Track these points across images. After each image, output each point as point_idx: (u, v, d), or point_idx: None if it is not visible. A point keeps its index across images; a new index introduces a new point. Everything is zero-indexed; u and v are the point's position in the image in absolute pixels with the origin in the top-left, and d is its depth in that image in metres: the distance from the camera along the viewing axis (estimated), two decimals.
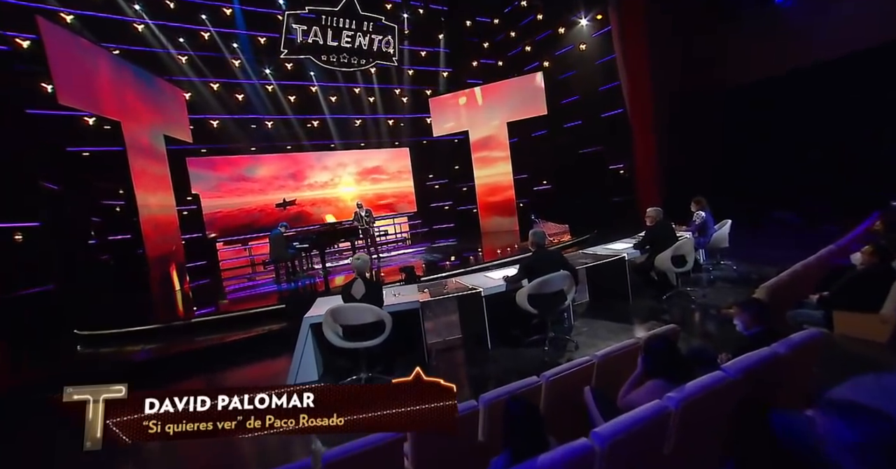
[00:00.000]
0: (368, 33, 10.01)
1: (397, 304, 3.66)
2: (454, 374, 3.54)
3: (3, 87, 5.26)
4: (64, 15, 7.90)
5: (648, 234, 4.64)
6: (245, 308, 5.49)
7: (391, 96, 12.87)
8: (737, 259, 5.47)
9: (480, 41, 13.44)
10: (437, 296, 3.87)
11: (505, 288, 3.92)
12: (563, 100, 11.62)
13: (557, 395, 2.22)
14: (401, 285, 5.41)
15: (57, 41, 5.37)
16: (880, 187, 5.79)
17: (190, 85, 9.73)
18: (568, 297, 3.70)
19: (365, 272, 3.34)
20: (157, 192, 7.30)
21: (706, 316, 4.17)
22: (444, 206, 13.74)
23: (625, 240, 5.52)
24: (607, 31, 9.93)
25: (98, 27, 8.01)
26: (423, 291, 4.05)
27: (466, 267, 7.03)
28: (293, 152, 11.65)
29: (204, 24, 9.74)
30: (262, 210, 11.18)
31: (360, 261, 3.31)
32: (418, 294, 3.92)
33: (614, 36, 9.53)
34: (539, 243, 3.72)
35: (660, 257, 4.41)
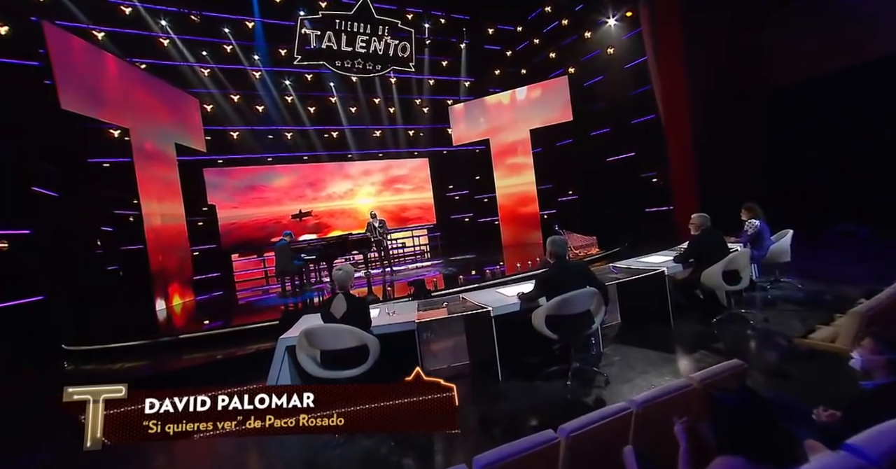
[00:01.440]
0: (384, 38, 9.77)
1: (390, 324, 3.11)
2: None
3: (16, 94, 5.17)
4: (95, 32, 8.13)
5: (693, 245, 3.93)
6: (238, 324, 5.08)
7: (411, 106, 12.66)
8: (801, 276, 4.62)
9: (503, 49, 13.11)
10: (438, 315, 3.30)
11: (519, 307, 3.31)
12: (590, 106, 11.04)
13: (582, 457, 1.60)
14: (408, 300, 4.88)
15: (62, 46, 5.31)
16: None
17: (209, 97, 9.78)
18: (596, 319, 3.05)
19: (348, 286, 2.82)
20: (165, 200, 7.14)
21: (773, 347, 3.36)
22: (465, 219, 13.27)
23: (662, 252, 4.79)
24: (637, 33, 9.33)
25: (126, 42, 8.18)
26: (426, 309, 3.50)
27: (483, 282, 6.43)
28: (310, 163, 11.51)
29: (226, 38, 9.81)
30: (277, 221, 10.99)
31: (341, 272, 2.80)
32: (416, 313, 3.36)
33: (645, 36, 8.91)
34: (559, 254, 3.11)
35: (708, 272, 3.68)
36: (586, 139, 11.07)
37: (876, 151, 6.64)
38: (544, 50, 12.18)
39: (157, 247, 6.80)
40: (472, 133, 12.08)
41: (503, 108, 11.65)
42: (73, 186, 5.62)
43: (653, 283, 3.89)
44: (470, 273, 7.79)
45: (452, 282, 7.06)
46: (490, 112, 11.80)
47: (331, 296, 2.81)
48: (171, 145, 7.53)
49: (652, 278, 3.87)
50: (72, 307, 5.24)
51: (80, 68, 5.54)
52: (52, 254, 5.06)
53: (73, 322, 5.12)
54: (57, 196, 5.31)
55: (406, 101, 12.54)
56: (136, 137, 6.50)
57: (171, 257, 7.24)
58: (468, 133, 12.14)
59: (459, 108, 12.27)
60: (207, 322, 5.69)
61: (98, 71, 5.98)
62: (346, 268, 2.82)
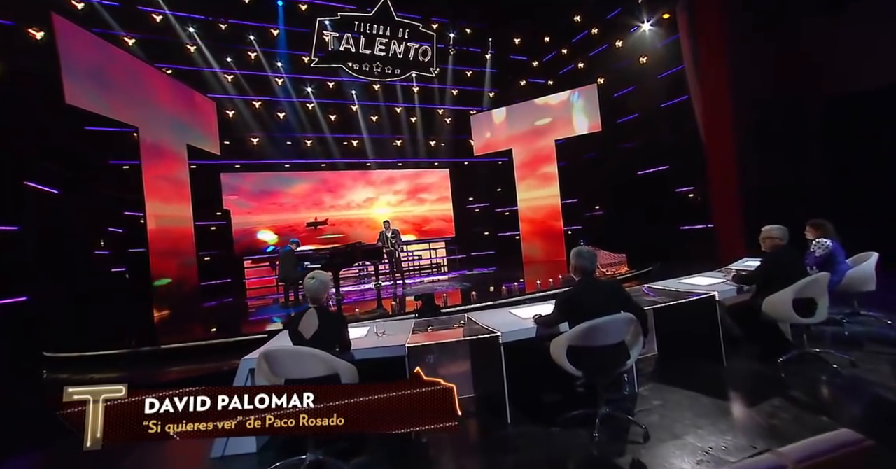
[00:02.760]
0: (404, 41, 9.49)
1: (375, 348, 2.57)
2: (443, 465, 2.32)
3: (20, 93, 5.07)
4: (126, 38, 8.24)
5: (768, 265, 3.16)
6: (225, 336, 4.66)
7: (433, 116, 12.39)
8: (886, 310, 3.79)
9: (529, 60, 12.74)
10: (435, 339, 2.74)
11: (535, 333, 2.71)
12: (619, 118, 10.49)
13: None
14: (414, 317, 4.34)
15: (71, 40, 5.20)
16: None
17: (230, 102, 9.77)
18: (632, 353, 2.41)
19: (322, 298, 2.31)
20: (172, 202, 6.93)
21: (873, 401, 2.57)
22: (484, 232, 12.73)
23: (707, 274, 4.08)
24: (674, 40, 8.76)
25: (154, 49, 8.30)
26: (423, 330, 2.94)
27: (498, 299, 5.82)
28: (328, 170, 11.31)
29: (251, 45, 9.83)
30: (292, 228, 10.75)
31: (313, 281, 2.29)
32: (410, 335, 2.81)
33: (684, 43, 8.29)
34: (586, 269, 2.51)
35: (774, 299, 2.97)
36: (615, 152, 10.52)
37: None
38: (573, 60, 11.75)
39: (160, 250, 6.54)
40: (495, 142, 11.64)
41: (528, 116, 11.18)
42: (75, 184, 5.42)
43: (700, 309, 3.20)
44: (486, 289, 7.20)
45: (466, 298, 6.48)
46: (514, 121, 11.35)
47: (300, 310, 2.30)
48: (183, 146, 7.37)
49: (699, 304, 3.18)
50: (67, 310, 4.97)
51: (88, 63, 5.43)
52: (44, 253, 4.82)
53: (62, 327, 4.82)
54: (56, 193, 5.12)
55: (428, 111, 12.30)
56: (145, 136, 6.34)
57: (174, 261, 6.98)
58: (490, 142, 11.71)
59: (482, 116, 11.90)
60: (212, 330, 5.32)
61: (108, 67, 5.86)
62: (319, 276, 2.31)
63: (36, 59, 5.08)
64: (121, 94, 5.99)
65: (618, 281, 2.58)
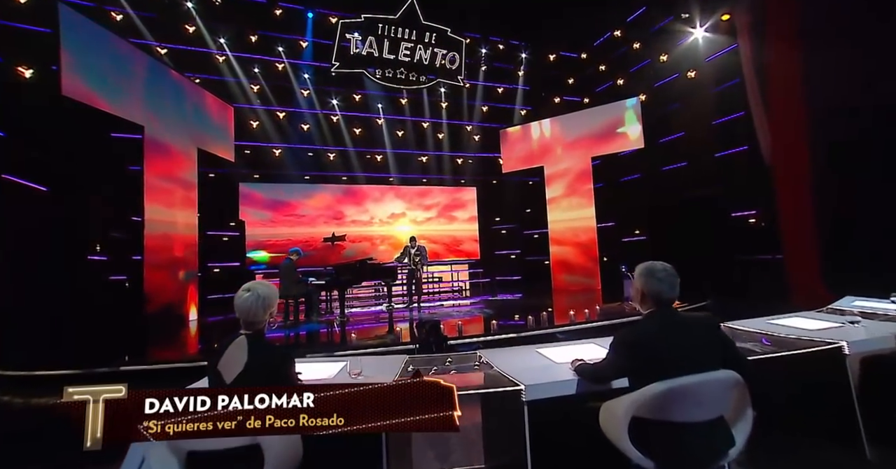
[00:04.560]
0: (431, 46, 9.02)
1: None
2: None
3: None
4: (159, 49, 8.29)
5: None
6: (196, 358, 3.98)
7: (461, 133, 11.88)
8: None
9: (564, 77, 12.13)
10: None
11: (576, 389, 1.85)
12: (662, 138, 9.62)
13: None
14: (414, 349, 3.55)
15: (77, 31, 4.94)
16: None
17: (253, 112, 9.61)
18: (737, 437, 1.51)
19: (259, 322, 1.55)
20: (174, 207, 6.52)
21: None
22: (511, 255, 11.86)
23: (802, 314, 3.06)
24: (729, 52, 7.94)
25: (183, 58, 8.31)
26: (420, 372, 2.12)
27: (523, 331, 4.90)
28: (349, 184, 10.88)
29: (279, 56, 9.73)
30: (308, 242, 10.25)
31: (247, 295, 1.52)
32: (397, 377, 1.99)
33: (744, 49, 7.42)
34: (661, 296, 1.65)
35: None
36: (657, 173, 9.58)
37: None
38: (611, 77, 11.07)
39: (157, 258, 6.07)
40: (526, 159, 10.93)
41: (561, 132, 10.46)
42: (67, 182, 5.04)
43: (818, 366, 2.22)
44: (509, 317, 6.29)
45: (485, 327, 5.60)
46: (547, 137, 10.65)
47: (227, 340, 1.55)
48: (193, 149, 7.04)
49: (818, 358, 2.20)
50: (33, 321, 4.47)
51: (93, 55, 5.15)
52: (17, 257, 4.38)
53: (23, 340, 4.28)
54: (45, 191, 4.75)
55: (455, 127, 11.80)
56: (150, 135, 6.00)
57: (173, 270, 6.50)
58: (520, 159, 11.01)
59: (512, 131, 11.27)
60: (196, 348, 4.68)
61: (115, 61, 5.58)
62: (257, 288, 1.53)
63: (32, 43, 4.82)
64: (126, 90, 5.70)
65: (712, 317, 1.69)
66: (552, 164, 10.48)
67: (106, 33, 5.56)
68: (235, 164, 8.70)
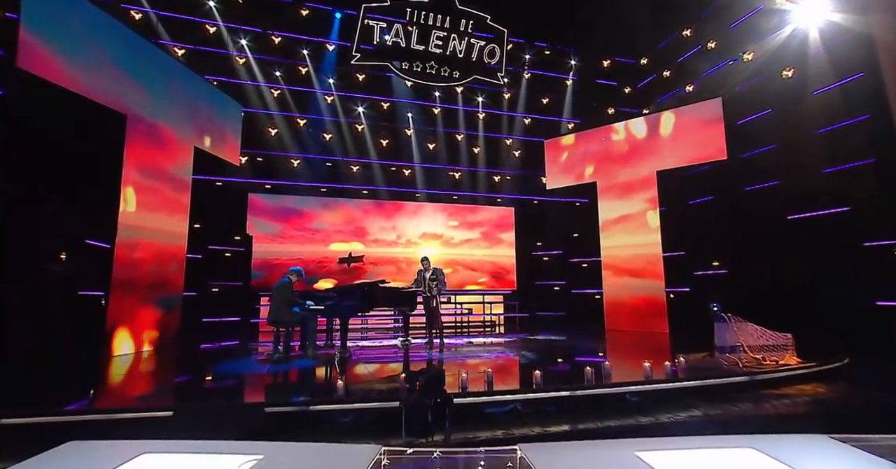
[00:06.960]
0: (467, 36, 7.79)
1: None
2: None
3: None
4: (177, 49, 7.87)
5: None
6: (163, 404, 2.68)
7: (499, 147, 10.62)
8: None
9: (620, 85, 10.72)
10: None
11: None
12: (745, 152, 7.88)
13: None
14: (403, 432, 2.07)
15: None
16: None
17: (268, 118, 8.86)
18: None
19: None
20: (161, 211, 5.53)
21: None
22: (555, 287, 10.13)
23: None
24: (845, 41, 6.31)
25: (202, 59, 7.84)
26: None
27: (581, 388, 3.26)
28: (371, 199, 9.78)
29: (303, 59, 9.06)
30: (320, 263, 9.11)
31: None
32: None
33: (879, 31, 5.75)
34: None
35: None
36: (738, 193, 7.78)
37: None
38: (678, 84, 9.53)
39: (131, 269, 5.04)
40: (574, 175, 9.43)
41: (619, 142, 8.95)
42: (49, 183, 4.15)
43: None
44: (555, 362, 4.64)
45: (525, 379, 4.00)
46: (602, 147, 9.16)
47: None
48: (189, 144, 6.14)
49: None
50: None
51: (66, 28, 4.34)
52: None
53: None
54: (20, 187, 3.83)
55: (493, 140, 10.56)
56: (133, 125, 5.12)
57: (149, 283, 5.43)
58: (568, 175, 9.52)
59: (559, 142, 9.86)
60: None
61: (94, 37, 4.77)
62: None
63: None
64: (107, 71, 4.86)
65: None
66: (606, 179, 8.92)
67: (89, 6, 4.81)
68: (240, 168, 7.79)
